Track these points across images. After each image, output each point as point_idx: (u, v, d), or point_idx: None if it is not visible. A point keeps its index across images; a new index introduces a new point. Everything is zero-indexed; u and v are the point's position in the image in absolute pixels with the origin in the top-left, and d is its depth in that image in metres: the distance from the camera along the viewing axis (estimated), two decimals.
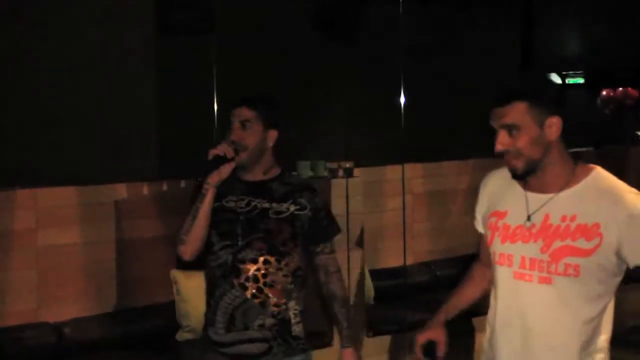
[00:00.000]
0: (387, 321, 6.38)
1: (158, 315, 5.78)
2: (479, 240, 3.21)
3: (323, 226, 3.63)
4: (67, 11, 6.50)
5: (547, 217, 2.80)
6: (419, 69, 7.11)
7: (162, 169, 6.86)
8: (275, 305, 3.51)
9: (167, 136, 7.08)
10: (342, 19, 8.11)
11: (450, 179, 7.55)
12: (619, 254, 2.77)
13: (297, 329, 3.58)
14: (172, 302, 5.76)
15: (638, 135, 9.36)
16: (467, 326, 6.67)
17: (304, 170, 6.10)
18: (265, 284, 3.49)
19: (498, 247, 2.92)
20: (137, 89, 6.88)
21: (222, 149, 3.47)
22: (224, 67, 6.71)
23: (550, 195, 2.81)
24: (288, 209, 3.55)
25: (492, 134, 2.85)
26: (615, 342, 3.25)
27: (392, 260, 7.02)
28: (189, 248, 3.52)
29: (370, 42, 8.17)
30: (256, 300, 3.48)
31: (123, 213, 5.78)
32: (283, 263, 3.52)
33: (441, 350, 2.99)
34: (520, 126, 2.77)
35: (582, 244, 2.75)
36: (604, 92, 9.36)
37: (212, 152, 3.47)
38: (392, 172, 6.96)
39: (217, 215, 3.52)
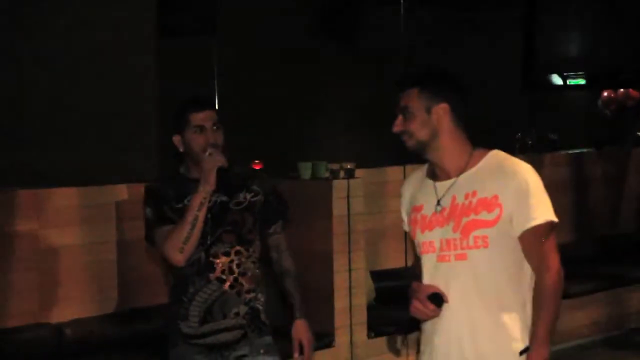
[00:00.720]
0: (388, 322, 6.38)
1: (159, 316, 5.77)
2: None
3: (274, 208, 3.77)
4: (68, 12, 6.50)
5: (454, 198, 3.02)
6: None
7: (163, 170, 6.85)
8: (247, 292, 3.65)
9: (167, 137, 7.07)
10: (343, 20, 8.11)
11: None
12: (512, 222, 2.95)
13: (264, 317, 3.73)
14: None
15: (639, 137, 9.35)
16: None
17: (305, 171, 6.10)
18: (239, 273, 3.63)
19: (420, 238, 3.11)
20: (138, 89, 6.87)
21: (222, 159, 3.58)
22: (225, 68, 6.72)
23: (454, 179, 3.04)
24: (245, 197, 3.69)
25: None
26: (617, 343, 3.27)
27: (393, 261, 7.02)
28: (186, 256, 3.58)
29: (371, 43, 8.17)
30: (233, 291, 3.62)
31: (124, 214, 5.79)
32: (251, 251, 3.68)
33: (446, 298, 3.04)
34: (411, 110, 3.04)
35: (485, 215, 2.96)
36: (605, 93, 9.34)
37: (215, 166, 3.56)
38: (394, 173, 6.96)
39: (182, 216, 3.59)
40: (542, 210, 2.95)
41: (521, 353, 2.99)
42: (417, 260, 3.22)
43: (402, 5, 6.51)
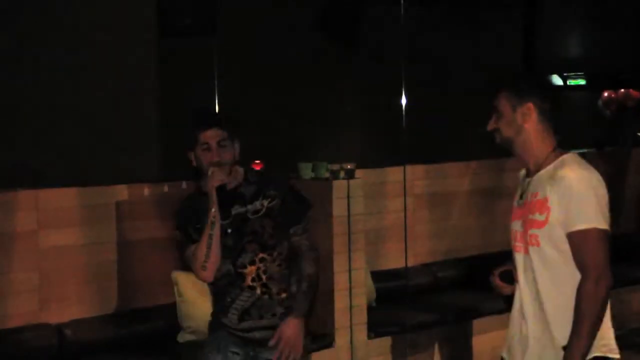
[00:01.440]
0: (388, 322, 6.37)
1: (159, 317, 5.78)
2: None
3: (292, 210, 3.94)
4: (69, 13, 6.50)
5: (527, 195, 3.30)
6: (420, 70, 7.11)
7: (163, 171, 6.86)
8: (278, 292, 3.90)
9: (168, 138, 7.08)
10: (344, 21, 8.11)
11: (451, 180, 7.55)
12: (559, 226, 3.16)
13: None
14: (173, 304, 5.76)
15: (639, 137, 9.35)
16: (465, 328, 6.67)
17: (306, 172, 6.10)
18: (267, 278, 3.87)
19: (511, 226, 3.41)
20: (139, 90, 6.88)
21: (221, 178, 3.80)
22: (225, 69, 6.71)
23: (532, 177, 3.32)
24: (262, 205, 3.88)
25: None
26: (618, 343, 3.30)
27: (393, 261, 7.02)
28: (210, 273, 3.85)
29: (371, 44, 8.17)
30: (265, 296, 3.87)
31: (124, 214, 5.78)
32: (276, 254, 3.89)
33: (516, 277, 3.33)
34: (500, 110, 3.35)
35: (538, 217, 3.20)
36: (605, 94, 9.34)
37: (214, 185, 3.78)
38: (394, 173, 6.96)
39: None
40: (583, 216, 3.10)
41: (565, 348, 3.15)
42: None
43: (402, 5, 6.50)
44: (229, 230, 3.84)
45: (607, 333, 3.23)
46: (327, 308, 5.98)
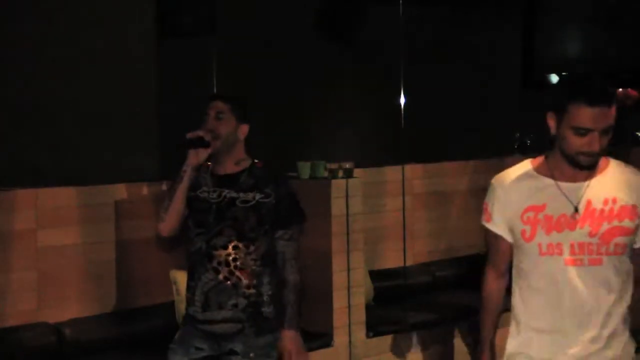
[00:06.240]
0: (386, 322, 6.38)
1: (158, 316, 5.79)
2: (489, 246, 3.35)
3: (284, 214, 3.94)
4: (68, 11, 6.50)
5: (589, 202, 3.01)
6: (419, 70, 7.12)
7: (162, 170, 6.86)
8: (247, 287, 3.87)
9: (167, 136, 7.08)
10: (343, 20, 8.11)
11: (450, 179, 7.55)
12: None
13: (267, 311, 3.93)
14: (172, 303, 5.77)
15: (638, 136, 9.34)
16: (464, 328, 6.68)
17: (304, 171, 6.10)
18: (235, 267, 3.86)
19: (544, 239, 3.04)
20: (138, 89, 6.87)
21: (202, 133, 3.91)
22: (225, 69, 6.72)
23: (584, 183, 3.02)
24: (254, 197, 3.91)
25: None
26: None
27: (391, 261, 7.02)
28: (167, 226, 3.97)
29: (370, 43, 8.17)
30: (228, 283, 3.86)
31: (123, 213, 5.79)
32: (252, 248, 3.89)
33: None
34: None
35: (628, 223, 3.01)
36: None
37: (193, 134, 3.91)
38: (392, 172, 6.96)
39: (192, 204, 3.94)
40: None
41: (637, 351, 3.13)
42: (490, 271, 3.43)
43: (401, 5, 6.51)
44: (214, 206, 3.90)
45: None
46: (326, 307, 5.99)
